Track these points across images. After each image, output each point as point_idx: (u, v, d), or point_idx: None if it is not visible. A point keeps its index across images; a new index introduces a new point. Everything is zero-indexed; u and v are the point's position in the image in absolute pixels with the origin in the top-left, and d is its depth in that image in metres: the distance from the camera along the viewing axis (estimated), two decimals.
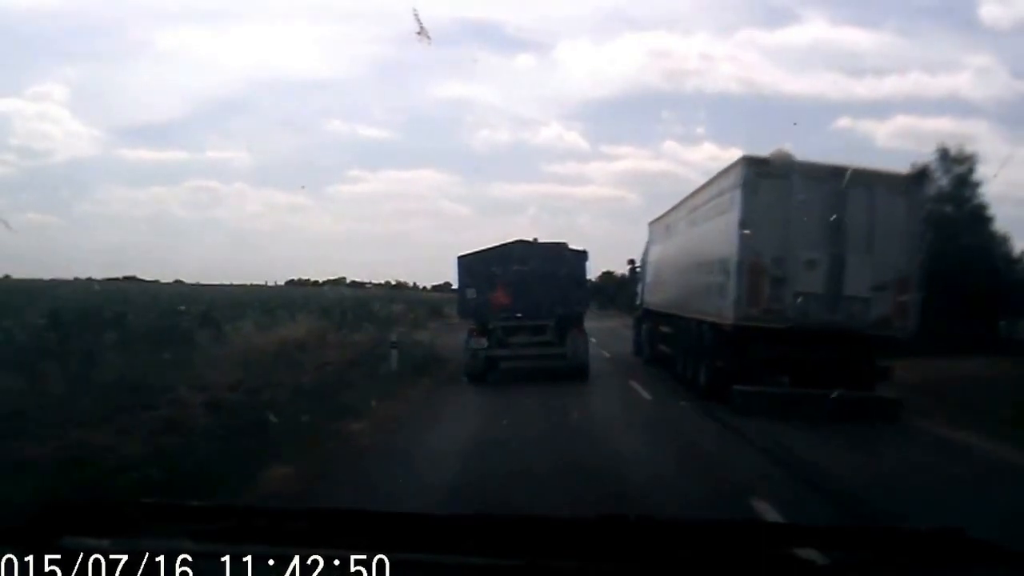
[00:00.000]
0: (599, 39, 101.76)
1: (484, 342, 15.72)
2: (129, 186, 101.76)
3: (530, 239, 16.83)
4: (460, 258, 16.34)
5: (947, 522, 1.86)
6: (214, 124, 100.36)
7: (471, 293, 16.30)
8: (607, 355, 21.68)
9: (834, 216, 11.45)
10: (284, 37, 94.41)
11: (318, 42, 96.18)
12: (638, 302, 22.04)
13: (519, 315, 15.72)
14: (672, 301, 16.62)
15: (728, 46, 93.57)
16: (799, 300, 11.62)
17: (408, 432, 10.15)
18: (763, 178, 11.70)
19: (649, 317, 19.75)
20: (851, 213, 11.49)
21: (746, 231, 11.56)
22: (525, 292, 15.82)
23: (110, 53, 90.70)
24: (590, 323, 19.10)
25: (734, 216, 11.87)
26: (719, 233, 12.66)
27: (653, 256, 20.13)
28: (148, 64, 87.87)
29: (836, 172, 11.66)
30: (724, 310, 12.11)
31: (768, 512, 6.06)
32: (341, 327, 23.64)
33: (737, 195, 11.88)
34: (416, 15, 8.15)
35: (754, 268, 11.69)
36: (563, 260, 16.27)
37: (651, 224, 20.89)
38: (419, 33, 8.15)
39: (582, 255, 16.68)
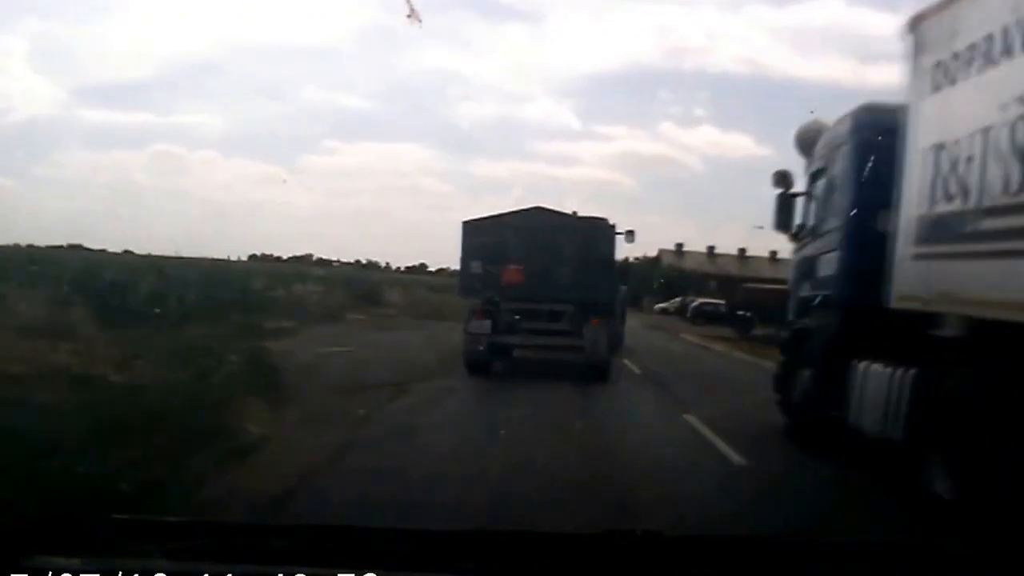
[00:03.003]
0: (596, 11, 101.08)
1: (488, 325, 13.93)
2: (89, 149, 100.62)
3: (551, 207, 15.28)
4: (466, 224, 14.86)
5: None
6: (184, 87, 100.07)
7: (476, 266, 14.50)
8: (739, 461, 7.94)
9: None
10: None
11: (297, 5, 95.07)
12: (804, 297, 9.69)
13: (532, 296, 14.26)
14: None
15: (734, 24, 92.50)
16: None
17: None
18: None
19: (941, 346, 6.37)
20: None
21: None
22: (541, 270, 14.26)
23: (75, 6, 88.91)
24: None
25: None
26: None
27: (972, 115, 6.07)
28: (116, 20, 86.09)
29: None
30: None
31: None
32: (115, 326, 13.83)
33: None
34: None
35: None
36: (590, 235, 14.74)
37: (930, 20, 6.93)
38: (409, 16, 7.90)
39: (613, 230, 15.04)
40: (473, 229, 14.70)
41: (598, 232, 14.80)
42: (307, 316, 23.10)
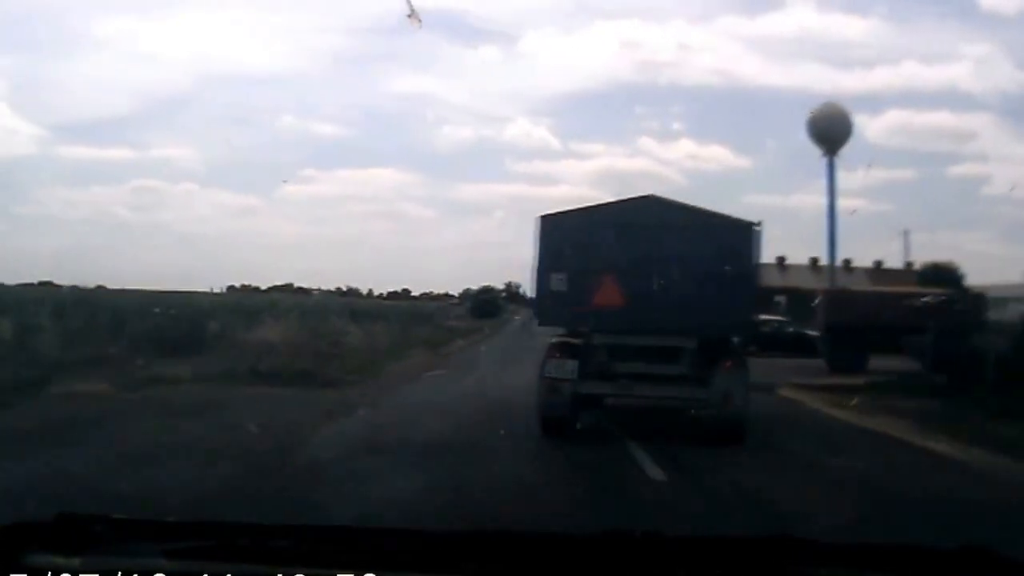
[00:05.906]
0: (567, 29, 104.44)
1: (572, 368, 10.17)
2: (70, 186, 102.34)
3: (667, 198, 11.30)
4: (544, 220, 10.79)
5: None
6: (161, 121, 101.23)
7: (558, 282, 10.49)
8: None
9: None
10: (233, 28, 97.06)
11: (269, 34, 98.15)
12: None
13: (639, 325, 10.42)
14: None
15: (706, 35, 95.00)
16: None
17: None
18: None
19: None
20: None
21: None
22: (653, 287, 10.35)
23: (49, 44, 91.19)
24: None
25: None
26: None
27: None
28: (90, 56, 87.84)
29: None
30: None
31: None
32: None
33: None
34: None
35: None
36: (725, 237, 10.68)
37: None
38: (410, 16, 7.98)
39: (754, 233, 10.73)
40: (555, 228, 10.64)
41: (737, 234, 10.58)
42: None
